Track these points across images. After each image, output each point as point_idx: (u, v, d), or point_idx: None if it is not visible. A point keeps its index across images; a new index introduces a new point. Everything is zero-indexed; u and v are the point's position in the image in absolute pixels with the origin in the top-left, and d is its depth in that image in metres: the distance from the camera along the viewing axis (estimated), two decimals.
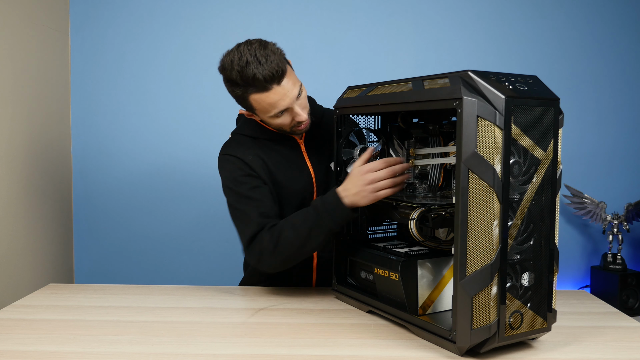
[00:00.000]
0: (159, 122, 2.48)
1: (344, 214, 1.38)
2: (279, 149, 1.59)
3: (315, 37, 2.47)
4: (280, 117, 1.47)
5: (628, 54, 2.55)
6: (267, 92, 1.40)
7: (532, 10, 2.51)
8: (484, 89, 1.06)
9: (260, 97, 1.42)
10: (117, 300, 1.49)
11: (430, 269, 1.30)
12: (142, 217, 2.50)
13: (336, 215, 1.38)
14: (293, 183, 1.57)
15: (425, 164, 1.45)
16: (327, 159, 1.63)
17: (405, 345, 1.19)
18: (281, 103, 1.42)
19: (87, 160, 2.49)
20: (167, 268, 2.52)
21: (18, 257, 2.03)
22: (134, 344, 1.19)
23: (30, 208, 2.12)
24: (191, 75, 2.47)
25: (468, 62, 2.48)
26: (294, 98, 1.44)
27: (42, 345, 1.18)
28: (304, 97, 1.49)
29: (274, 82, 1.39)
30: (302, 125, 1.51)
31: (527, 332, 1.12)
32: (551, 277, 1.15)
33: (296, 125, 1.50)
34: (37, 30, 2.17)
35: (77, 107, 2.47)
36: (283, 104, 1.43)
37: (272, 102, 1.42)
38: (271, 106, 1.43)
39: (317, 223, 1.39)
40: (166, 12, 2.46)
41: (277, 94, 1.41)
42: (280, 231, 1.42)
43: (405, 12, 2.50)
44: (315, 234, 1.40)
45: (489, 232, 1.06)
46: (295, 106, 1.45)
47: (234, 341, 1.20)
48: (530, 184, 1.10)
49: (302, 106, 1.47)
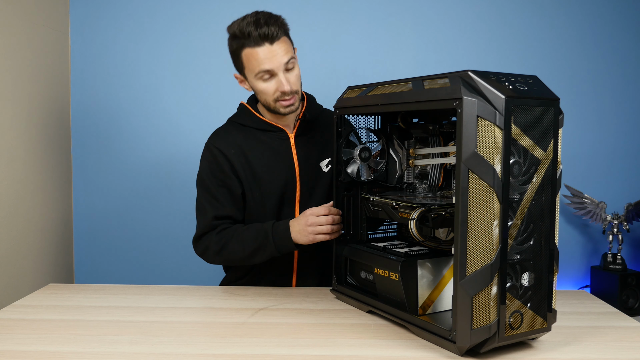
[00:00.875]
0: (159, 122, 2.48)
1: (288, 246, 1.51)
2: (267, 140, 1.63)
3: (315, 37, 2.47)
4: (265, 82, 1.53)
5: (628, 54, 2.55)
6: (258, 47, 1.48)
7: (532, 10, 2.51)
8: (484, 89, 1.06)
9: (250, 53, 1.50)
10: (117, 300, 1.50)
11: (430, 269, 1.30)
12: (142, 217, 2.50)
13: (281, 245, 1.51)
14: (274, 176, 1.61)
15: (425, 164, 1.45)
16: (316, 156, 1.65)
17: (405, 345, 1.19)
18: (267, 63, 1.49)
19: (87, 160, 2.49)
20: (167, 268, 2.52)
21: (18, 257, 2.03)
22: (134, 344, 1.19)
23: (30, 208, 2.12)
24: (192, 75, 2.47)
25: (468, 62, 2.48)
26: (282, 65, 1.50)
27: (42, 345, 1.18)
28: (295, 73, 1.55)
29: (267, 40, 1.48)
30: (287, 102, 1.55)
31: (527, 332, 1.12)
32: (551, 277, 1.15)
33: (280, 97, 1.54)
34: (37, 30, 2.18)
35: (77, 107, 2.47)
36: (269, 64, 1.49)
37: (260, 59, 1.49)
38: (258, 63, 1.49)
39: (263, 246, 1.52)
40: (166, 12, 2.46)
41: (266, 52, 1.48)
42: (228, 239, 1.55)
43: (405, 12, 2.50)
44: (258, 254, 1.54)
45: (489, 232, 1.06)
46: (280, 73, 1.51)
47: (234, 341, 1.20)
48: (530, 184, 1.10)
49: (289, 79, 1.53)
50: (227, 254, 1.57)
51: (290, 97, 1.55)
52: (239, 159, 1.60)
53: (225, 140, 1.62)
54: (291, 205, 1.64)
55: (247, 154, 1.61)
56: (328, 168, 1.67)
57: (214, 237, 1.57)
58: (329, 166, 1.67)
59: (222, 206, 1.60)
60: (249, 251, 1.54)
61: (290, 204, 1.64)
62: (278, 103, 1.55)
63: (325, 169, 1.66)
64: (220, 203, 1.60)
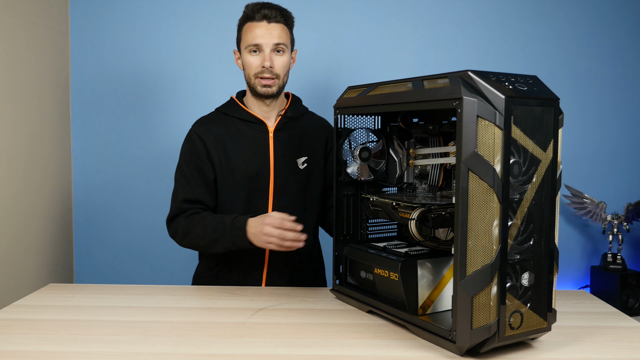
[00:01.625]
0: (159, 122, 2.48)
1: (243, 243, 1.54)
2: (247, 131, 1.70)
3: (315, 37, 2.47)
4: (252, 55, 1.65)
5: (628, 54, 2.55)
6: (256, 22, 1.64)
7: (532, 10, 2.51)
8: (484, 89, 1.06)
9: (249, 26, 1.65)
10: (117, 300, 1.49)
11: (430, 269, 1.30)
12: (142, 217, 2.50)
13: (237, 241, 1.55)
14: (248, 165, 1.67)
15: (425, 164, 1.45)
16: (293, 153, 1.71)
17: (405, 345, 1.19)
18: (259, 37, 1.63)
19: (87, 160, 2.49)
20: (167, 268, 2.52)
21: (18, 257, 2.03)
22: (134, 344, 1.19)
23: (30, 208, 2.12)
24: (192, 75, 2.47)
25: (468, 62, 2.48)
26: (271, 44, 1.63)
27: (42, 345, 1.18)
28: (282, 59, 1.66)
29: (265, 19, 1.63)
30: (265, 81, 1.65)
31: (527, 332, 1.12)
32: (551, 277, 1.15)
33: (260, 73, 1.64)
34: (37, 30, 2.18)
35: (77, 107, 2.47)
36: (261, 39, 1.63)
37: (254, 32, 1.64)
38: (252, 36, 1.64)
39: (222, 237, 1.57)
40: (166, 12, 2.46)
41: (261, 28, 1.63)
42: (194, 224, 1.62)
43: (405, 12, 2.50)
44: (217, 244, 1.59)
45: (489, 232, 1.06)
46: (267, 50, 1.63)
47: (234, 341, 1.20)
48: (530, 184, 1.10)
49: (273, 59, 1.64)
50: (191, 239, 1.64)
51: (269, 78, 1.65)
52: (216, 146, 1.68)
53: (205, 127, 1.71)
54: (264, 198, 1.69)
55: (225, 142, 1.69)
56: (304, 166, 1.72)
57: (182, 221, 1.65)
58: (305, 164, 1.72)
59: (193, 190, 1.67)
60: (208, 240, 1.60)
61: (263, 195, 1.69)
62: (257, 79, 1.66)
63: (302, 166, 1.72)
64: (192, 187, 1.68)
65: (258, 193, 1.68)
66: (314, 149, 1.75)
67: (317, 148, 1.75)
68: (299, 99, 1.83)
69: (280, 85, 1.68)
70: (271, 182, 1.68)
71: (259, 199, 1.69)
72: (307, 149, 1.73)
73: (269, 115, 1.72)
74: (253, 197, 1.68)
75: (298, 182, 1.71)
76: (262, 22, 1.63)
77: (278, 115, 1.73)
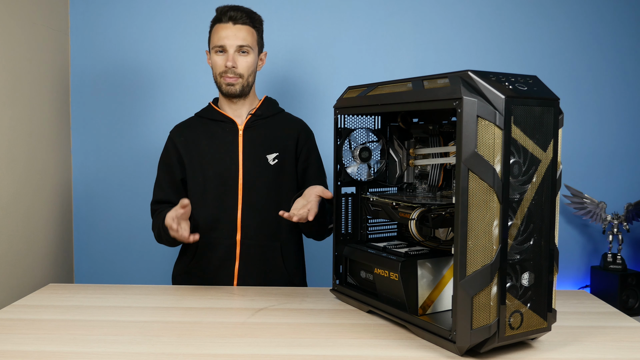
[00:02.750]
0: (159, 122, 2.48)
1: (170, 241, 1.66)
2: (217, 130, 1.78)
3: (315, 37, 2.47)
4: (217, 56, 1.73)
5: (628, 54, 2.55)
6: (222, 23, 1.72)
7: (532, 10, 2.51)
8: (484, 89, 1.06)
9: (216, 28, 1.74)
10: (117, 300, 1.50)
11: (430, 269, 1.30)
12: (142, 217, 2.50)
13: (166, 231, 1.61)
14: (218, 162, 1.74)
15: (425, 164, 1.45)
16: (262, 149, 1.76)
17: (405, 345, 1.19)
18: (224, 39, 1.70)
19: (87, 160, 2.49)
20: (167, 268, 2.51)
21: (18, 257, 2.03)
22: (134, 344, 1.19)
23: (30, 208, 2.12)
24: (192, 75, 2.47)
25: (468, 62, 2.48)
26: (236, 47, 1.71)
27: (42, 345, 1.18)
28: (246, 60, 1.73)
29: (231, 21, 1.71)
30: (229, 79, 1.72)
31: (527, 332, 1.12)
32: (551, 277, 1.15)
33: (224, 73, 1.72)
34: (37, 30, 2.17)
35: (77, 107, 2.47)
36: (225, 40, 1.70)
37: (219, 34, 1.72)
38: (217, 38, 1.72)
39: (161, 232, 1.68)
40: (166, 12, 2.46)
41: (226, 30, 1.71)
42: (153, 222, 1.76)
43: (405, 12, 2.50)
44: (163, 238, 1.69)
45: (489, 232, 1.06)
46: (231, 51, 1.71)
47: (234, 341, 1.20)
48: (530, 184, 1.10)
49: (236, 60, 1.71)
50: (155, 235, 1.76)
51: (232, 77, 1.72)
52: (187, 146, 1.77)
53: (179, 131, 1.82)
54: (234, 194, 1.73)
55: (197, 142, 1.77)
56: (275, 162, 1.76)
57: (153, 221, 1.78)
58: (275, 160, 1.76)
59: (162, 191, 1.78)
60: (157, 235, 1.74)
61: (232, 191, 1.73)
62: (222, 78, 1.74)
63: (272, 162, 1.76)
64: (162, 188, 1.79)
65: (228, 190, 1.73)
66: (284, 145, 1.78)
67: (288, 144, 1.79)
68: (274, 101, 1.88)
69: (244, 84, 1.74)
70: (240, 179, 1.73)
71: (229, 196, 1.73)
72: (278, 145, 1.77)
73: (239, 114, 1.79)
74: (223, 194, 1.73)
75: (268, 177, 1.75)
76: (228, 23, 1.71)
77: (248, 113, 1.79)
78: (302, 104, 2.46)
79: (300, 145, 1.80)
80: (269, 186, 1.74)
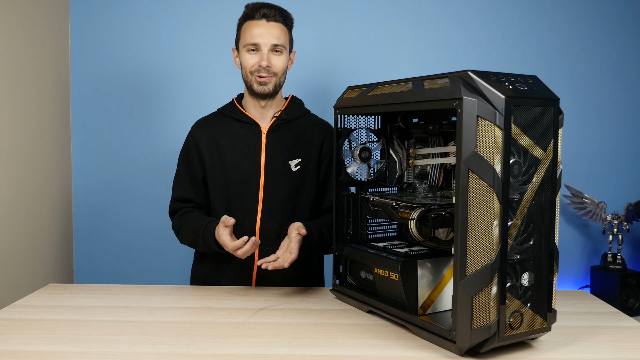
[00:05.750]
0: (159, 122, 2.48)
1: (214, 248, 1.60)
2: (240, 131, 1.72)
3: (315, 37, 2.47)
4: (249, 54, 1.66)
5: (628, 54, 2.55)
6: (255, 20, 1.65)
7: (532, 10, 2.51)
8: (484, 89, 1.06)
9: (248, 25, 1.66)
10: (117, 300, 1.50)
11: (430, 269, 1.30)
12: (142, 217, 2.50)
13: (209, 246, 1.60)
14: (239, 166, 1.69)
15: (425, 164, 1.45)
16: (286, 154, 1.71)
17: (405, 345, 1.19)
18: (258, 37, 1.64)
19: (87, 160, 2.49)
20: (167, 268, 2.52)
21: (18, 257, 2.03)
22: (133, 344, 1.19)
23: (30, 208, 2.12)
24: (192, 75, 2.47)
25: (468, 62, 2.48)
26: (270, 45, 1.64)
27: (42, 345, 1.18)
28: (279, 59, 1.66)
29: (264, 18, 1.64)
30: (262, 78, 1.65)
31: (527, 332, 1.12)
32: (551, 277, 1.15)
33: (257, 71, 1.65)
34: (37, 30, 2.18)
35: (77, 107, 2.47)
36: (258, 38, 1.64)
37: (252, 31, 1.65)
38: (250, 35, 1.65)
39: (196, 241, 1.64)
40: (166, 12, 2.46)
41: (259, 27, 1.64)
42: (182, 224, 1.71)
43: (405, 12, 2.50)
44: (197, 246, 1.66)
45: (489, 232, 1.06)
46: (265, 49, 1.64)
47: (234, 341, 1.20)
48: (530, 184, 1.10)
49: (272, 60, 1.65)
50: (181, 238, 1.73)
51: (266, 76, 1.65)
52: (209, 146, 1.72)
53: (201, 128, 1.75)
54: (254, 198, 1.69)
55: (219, 143, 1.72)
56: (297, 168, 1.71)
57: (176, 220, 1.75)
58: (297, 166, 1.71)
59: (183, 189, 1.74)
60: (189, 241, 1.69)
61: (253, 196, 1.69)
62: (254, 77, 1.66)
63: (294, 168, 1.71)
64: (183, 186, 1.75)
65: (248, 194, 1.69)
66: (308, 151, 1.73)
67: (311, 150, 1.73)
68: (300, 101, 1.81)
69: (277, 84, 1.68)
70: (261, 184, 1.68)
71: (250, 200, 1.69)
72: (301, 151, 1.72)
73: (264, 116, 1.73)
74: (244, 198, 1.69)
75: (289, 184, 1.70)
76: (261, 20, 1.64)
77: (273, 116, 1.72)
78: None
79: (324, 151, 1.75)
80: (290, 192, 1.70)
